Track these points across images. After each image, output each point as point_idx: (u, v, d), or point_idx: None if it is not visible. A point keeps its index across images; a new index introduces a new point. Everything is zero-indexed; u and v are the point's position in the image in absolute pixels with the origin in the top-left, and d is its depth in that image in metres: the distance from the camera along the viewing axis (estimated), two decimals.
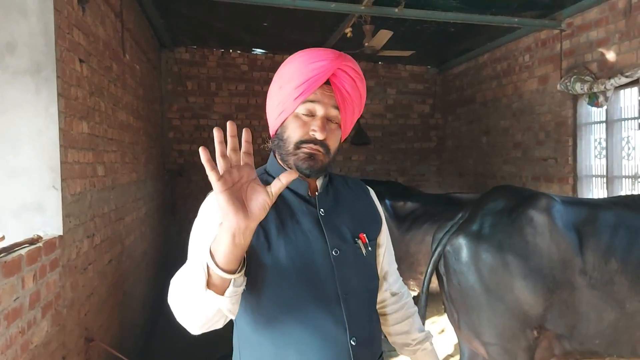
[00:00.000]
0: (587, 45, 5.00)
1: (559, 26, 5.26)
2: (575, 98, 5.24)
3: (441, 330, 5.32)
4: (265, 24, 6.15)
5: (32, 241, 2.36)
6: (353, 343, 1.34)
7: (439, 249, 2.81)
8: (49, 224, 2.64)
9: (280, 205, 1.38)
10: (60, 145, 2.69)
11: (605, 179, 5.08)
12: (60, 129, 2.68)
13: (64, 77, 2.77)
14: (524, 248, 2.56)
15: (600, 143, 5.19)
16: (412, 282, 4.58)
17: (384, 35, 5.01)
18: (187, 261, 1.19)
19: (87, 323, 3.10)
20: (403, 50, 5.91)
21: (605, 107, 4.89)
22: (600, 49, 4.81)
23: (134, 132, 4.85)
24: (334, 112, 1.35)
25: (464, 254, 2.67)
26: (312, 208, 1.41)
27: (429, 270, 2.86)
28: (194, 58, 7.42)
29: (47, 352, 2.45)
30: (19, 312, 2.13)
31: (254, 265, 1.29)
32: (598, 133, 5.21)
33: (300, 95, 1.32)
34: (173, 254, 6.96)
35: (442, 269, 2.84)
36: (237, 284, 1.11)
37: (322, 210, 1.42)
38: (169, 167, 7.21)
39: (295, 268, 1.32)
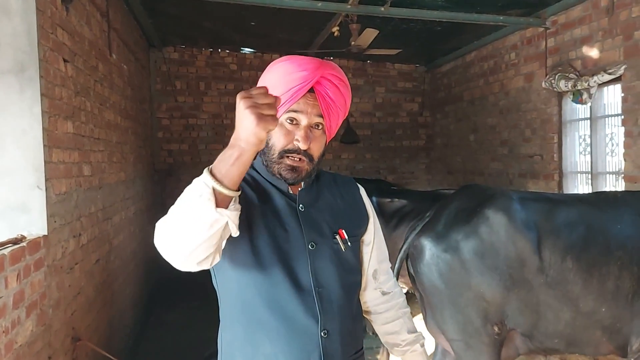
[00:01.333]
0: (571, 43, 5.05)
1: (544, 24, 5.31)
2: (560, 95, 5.29)
3: None
4: (253, 24, 6.17)
5: (15, 241, 2.37)
6: (324, 335, 1.38)
7: (404, 248, 2.86)
8: (34, 224, 2.65)
9: (262, 199, 1.43)
10: (45, 145, 2.69)
11: (590, 175, 5.13)
12: (44, 128, 2.69)
13: (47, 77, 2.78)
14: (479, 247, 2.59)
15: (585, 140, 5.25)
16: (401, 280, 4.61)
17: (370, 34, 5.04)
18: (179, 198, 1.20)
19: (74, 323, 3.11)
20: (390, 49, 5.94)
21: (589, 104, 4.94)
22: (584, 47, 4.87)
23: (122, 132, 4.85)
24: (318, 120, 1.38)
25: (425, 254, 2.71)
26: (292, 203, 1.46)
27: (395, 271, 2.88)
28: (182, 57, 7.43)
29: (32, 351, 2.45)
30: (3, 312, 2.14)
31: (236, 252, 1.35)
32: (583, 130, 5.27)
33: (283, 105, 1.33)
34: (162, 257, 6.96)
35: (410, 269, 2.88)
36: (236, 201, 1.17)
37: (301, 205, 1.46)
38: (158, 167, 7.21)
39: (272, 259, 1.37)
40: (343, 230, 1.47)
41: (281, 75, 1.36)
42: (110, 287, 4.13)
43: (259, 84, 1.41)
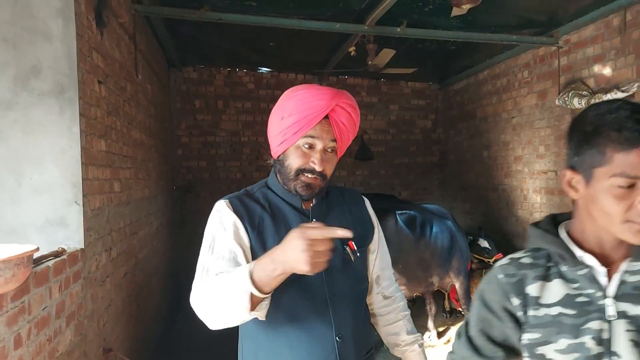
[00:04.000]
0: (584, 61, 5.15)
1: (556, 43, 5.42)
2: (574, 112, 5.37)
3: (447, 341, 5.41)
4: (271, 44, 6.34)
5: (57, 254, 2.50)
6: (339, 340, 1.55)
7: None
8: (71, 238, 2.78)
9: (276, 216, 1.59)
10: (82, 163, 2.83)
11: None
12: (82, 147, 2.83)
13: (85, 98, 2.93)
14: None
15: None
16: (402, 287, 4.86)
17: (387, 54, 5.17)
18: (215, 277, 1.44)
19: (105, 334, 3.23)
20: (405, 68, 6.08)
21: None
22: (597, 65, 4.97)
23: (147, 150, 5.01)
24: (331, 144, 1.55)
25: None
26: (305, 219, 1.61)
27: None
28: (201, 77, 7.60)
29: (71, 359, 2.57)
30: (47, 321, 2.26)
31: None
32: None
33: (300, 130, 1.52)
34: (182, 269, 7.09)
35: None
36: (268, 299, 1.38)
37: (314, 220, 1.60)
38: (178, 183, 7.36)
39: None
40: (352, 242, 1.58)
41: (299, 103, 1.53)
42: (136, 300, 4.25)
43: (277, 108, 1.59)
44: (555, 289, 1.23)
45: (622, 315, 1.16)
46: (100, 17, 3.32)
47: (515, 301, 1.27)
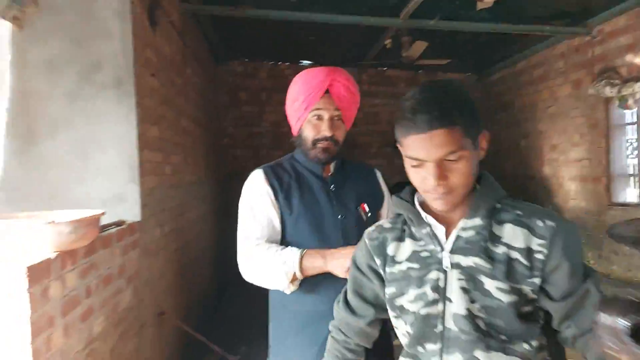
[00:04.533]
0: (617, 50, 5.22)
1: (590, 33, 5.50)
2: (607, 101, 5.46)
3: None
4: (311, 38, 6.64)
5: (118, 224, 2.88)
6: None
7: None
8: (130, 212, 3.16)
9: (301, 182, 1.97)
10: (138, 147, 3.20)
11: (637, 177, 5.27)
12: (137, 133, 3.20)
13: (139, 90, 3.30)
14: None
15: (632, 144, 5.39)
16: None
17: (420, 46, 5.39)
18: (267, 250, 1.89)
19: (158, 300, 3.61)
20: (439, 59, 6.26)
21: (635, 110, 5.10)
22: (629, 54, 5.04)
23: (194, 138, 5.40)
24: (336, 113, 1.91)
25: None
26: (325, 185, 2.00)
27: None
28: (246, 70, 7.98)
29: (130, 316, 2.95)
30: (111, 279, 2.64)
31: (284, 229, 1.95)
32: (630, 134, 5.41)
33: (308, 106, 1.89)
34: (226, 254, 7.50)
35: None
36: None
37: (332, 186, 2.00)
38: (224, 171, 7.77)
39: (310, 227, 1.93)
40: (365, 205, 1.98)
41: (302, 86, 1.92)
42: (185, 276, 4.65)
43: (289, 94, 2.03)
44: (406, 247, 1.42)
45: (455, 266, 1.32)
46: (152, 16, 3.69)
47: (378, 261, 1.46)
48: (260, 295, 1.64)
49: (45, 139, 3.04)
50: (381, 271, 1.46)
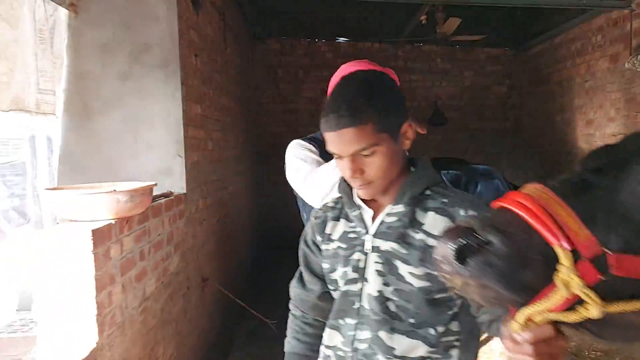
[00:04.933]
0: None
1: (629, 6, 5.44)
2: None
3: None
4: (348, 15, 6.74)
5: (166, 195, 3.12)
6: None
7: None
8: (176, 184, 3.40)
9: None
10: (183, 124, 3.43)
11: None
12: (183, 110, 3.42)
13: (184, 70, 3.51)
14: None
15: None
16: None
17: (453, 23, 5.44)
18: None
19: (202, 266, 3.88)
20: (474, 35, 6.28)
21: None
22: None
23: (234, 115, 5.62)
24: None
25: None
26: None
27: None
28: (283, 48, 8.14)
29: (177, 280, 3.22)
30: (161, 245, 2.89)
31: None
32: None
33: None
34: (262, 227, 7.78)
35: None
36: None
37: None
38: (261, 148, 8.00)
39: None
40: None
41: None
42: (226, 245, 4.92)
43: (331, 83, 2.10)
44: (340, 227, 1.50)
45: (375, 249, 1.39)
46: None
47: (319, 238, 1.54)
48: (294, 263, 1.73)
49: (99, 116, 3.29)
50: (321, 247, 1.54)
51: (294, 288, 1.65)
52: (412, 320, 1.36)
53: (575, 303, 0.80)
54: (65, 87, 3.27)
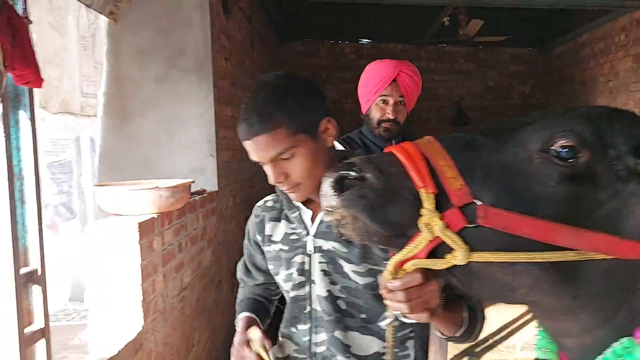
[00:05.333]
0: None
1: None
2: None
3: None
4: (371, 17, 6.87)
5: (200, 192, 3.29)
6: None
7: None
8: (208, 182, 3.57)
9: (369, 152, 2.24)
10: (215, 124, 3.60)
11: None
12: (214, 112, 3.59)
13: (216, 73, 3.68)
14: None
15: None
16: None
17: (475, 24, 5.53)
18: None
19: (232, 261, 4.04)
20: (496, 36, 6.36)
21: None
22: None
23: None
24: (400, 98, 2.20)
25: None
26: None
27: None
28: (307, 50, 8.30)
29: (210, 273, 3.39)
30: (196, 239, 3.06)
31: None
32: None
33: (377, 92, 2.21)
34: None
35: None
36: None
37: None
38: None
39: None
40: None
41: (374, 73, 2.26)
42: None
43: (361, 79, 2.27)
44: (281, 229, 1.47)
45: (318, 249, 1.38)
46: (226, 5, 4.05)
47: (259, 237, 1.52)
48: None
49: (136, 118, 3.48)
50: (262, 247, 1.53)
51: (239, 272, 1.67)
52: (363, 316, 1.38)
53: (444, 251, 0.82)
54: (105, 91, 3.46)
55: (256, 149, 1.29)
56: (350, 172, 0.85)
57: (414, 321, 1.01)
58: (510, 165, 0.83)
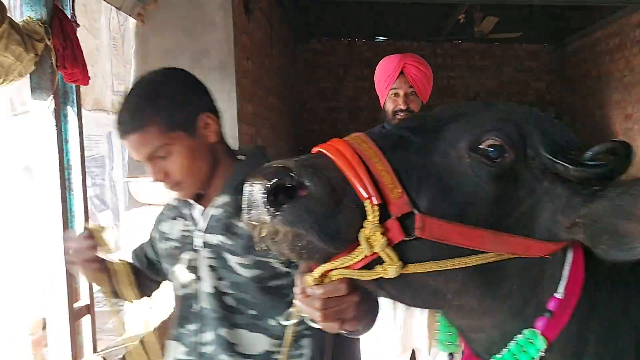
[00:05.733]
0: None
1: None
2: None
3: None
4: (387, 15, 6.98)
5: None
6: None
7: None
8: None
9: None
10: (238, 121, 3.75)
11: None
12: (237, 109, 3.74)
13: (238, 72, 3.83)
14: None
15: None
16: None
17: (490, 22, 5.62)
18: None
19: None
20: (511, 33, 6.44)
21: None
22: None
23: (279, 114, 5.95)
24: (410, 89, 2.33)
25: None
26: None
27: None
28: (324, 48, 8.43)
29: None
30: None
31: None
32: None
33: (387, 86, 2.34)
34: None
35: None
36: None
37: None
38: (303, 145, 8.31)
39: None
40: None
41: (382, 68, 2.40)
42: None
43: (375, 76, 2.37)
44: (177, 227, 1.42)
45: (206, 245, 1.33)
46: (247, 6, 4.21)
47: (156, 234, 1.50)
48: None
49: None
50: (157, 244, 1.50)
51: (140, 244, 1.63)
52: (253, 312, 1.33)
53: (374, 262, 0.76)
54: None
55: (130, 147, 1.27)
56: (286, 180, 0.72)
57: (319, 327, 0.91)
58: (443, 166, 0.80)
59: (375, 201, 0.73)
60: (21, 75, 1.65)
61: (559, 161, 0.78)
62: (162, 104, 1.26)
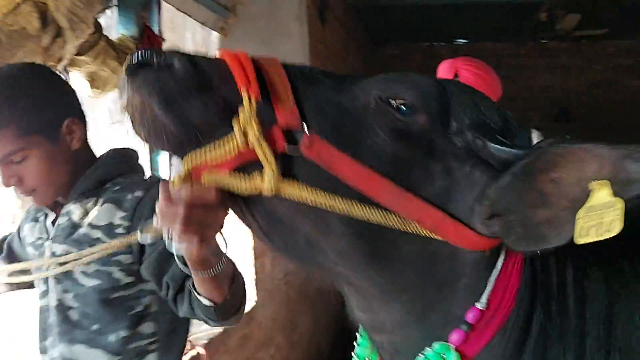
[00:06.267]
0: None
1: None
2: None
3: None
4: (466, 17, 6.90)
5: None
6: None
7: None
8: None
9: None
10: None
11: None
12: None
13: None
14: None
15: None
16: None
17: (572, 19, 5.44)
18: None
19: None
20: (596, 30, 6.17)
21: None
22: None
23: None
24: None
25: None
26: None
27: None
28: (402, 53, 8.44)
29: None
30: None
31: None
32: None
33: None
34: None
35: None
36: None
37: None
38: None
39: None
40: None
41: (439, 74, 2.35)
42: None
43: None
44: (35, 231, 1.37)
45: (53, 255, 1.27)
46: (322, 14, 4.35)
47: (17, 237, 1.45)
48: None
49: None
50: (16, 249, 1.45)
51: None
52: (95, 327, 1.26)
53: (252, 165, 0.70)
54: None
55: None
56: (154, 59, 0.71)
57: (176, 248, 0.81)
58: (348, 106, 0.76)
59: (253, 93, 0.70)
60: (116, 86, 1.86)
61: (479, 136, 0.72)
62: (22, 106, 1.17)
